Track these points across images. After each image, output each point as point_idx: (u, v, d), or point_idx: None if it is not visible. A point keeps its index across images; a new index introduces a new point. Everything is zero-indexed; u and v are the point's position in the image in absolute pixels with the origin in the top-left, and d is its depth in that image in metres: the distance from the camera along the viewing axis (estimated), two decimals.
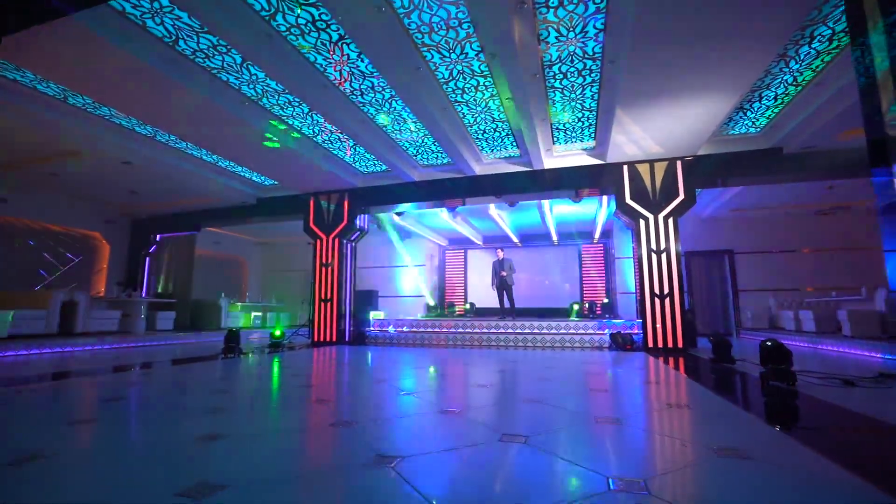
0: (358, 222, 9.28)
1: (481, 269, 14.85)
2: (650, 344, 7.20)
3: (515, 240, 14.09)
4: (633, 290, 11.72)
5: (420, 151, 7.92)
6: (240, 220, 10.63)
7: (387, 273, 14.27)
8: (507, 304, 10.62)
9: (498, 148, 7.80)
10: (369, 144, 7.17)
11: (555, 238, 13.66)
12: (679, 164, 7.48)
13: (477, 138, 7.36)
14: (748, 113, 6.46)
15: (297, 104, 6.06)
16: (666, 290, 7.23)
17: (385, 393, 3.65)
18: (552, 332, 8.60)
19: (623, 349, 7.42)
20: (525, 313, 12.10)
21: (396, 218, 11.22)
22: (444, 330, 9.28)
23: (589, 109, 6.35)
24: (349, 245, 9.43)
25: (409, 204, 9.28)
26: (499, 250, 10.61)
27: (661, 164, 7.57)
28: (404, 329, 9.61)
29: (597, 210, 11.06)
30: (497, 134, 7.19)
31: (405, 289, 14.08)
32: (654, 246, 7.39)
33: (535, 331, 8.71)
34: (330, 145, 7.59)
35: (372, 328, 9.91)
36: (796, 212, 10.63)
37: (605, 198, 9.62)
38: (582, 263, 14.10)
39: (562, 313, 13.38)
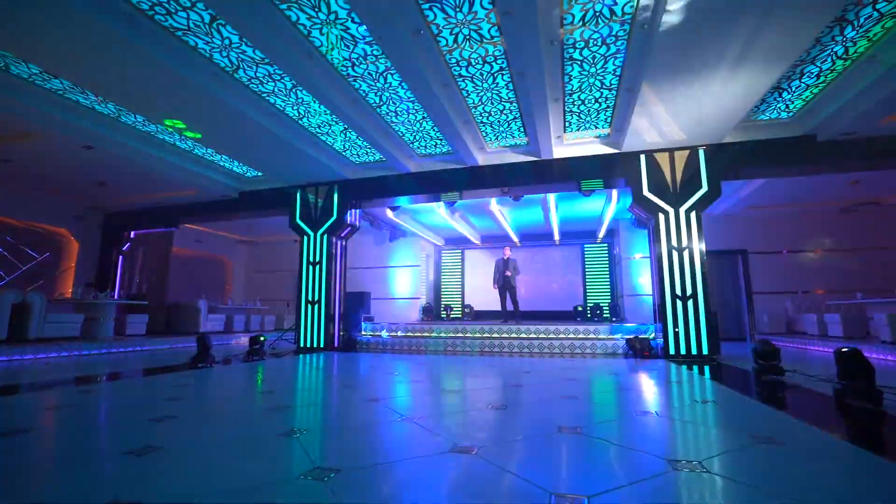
0: (348, 218, 8.52)
1: (479, 270, 14.14)
2: (671, 351, 6.50)
3: (515, 239, 13.39)
4: (643, 293, 11.08)
5: (417, 138, 7.19)
6: (221, 216, 9.81)
7: (380, 274, 13.50)
8: (509, 307, 9.90)
9: (504, 135, 7.09)
10: (361, 129, 6.43)
11: (557, 237, 12.98)
12: (702, 152, 6.81)
13: (481, 122, 6.64)
14: (784, 94, 5.81)
15: (278, 77, 5.30)
16: (689, 292, 6.55)
17: (380, 419, 2.90)
18: (561, 337, 7.90)
19: (641, 356, 6.72)
20: (527, 317, 11.39)
21: (390, 214, 10.47)
22: (443, 335, 8.54)
23: (608, 87, 5.65)
24: (339, 242, 8.66)
25: (405, 197, 8.54)
26: (506, 249, 9.92)
27: (682, 154, 6.90)
28: (398, 334, 8.86)
29: (604, 206, 10.39)
30: (504, 117, 6.48)
31: (400, 290, 13.31)
32: (675, 243, 6.71)
33: (542, 336, 8.00)
34: (318, 130, 6.83)
35: (363, 333, 9.14)
36: (816, 209, 10.04)
37: (614, 192, 8.95)
38: (585, 264, 13.43)
39: (565, 317, 12.71)
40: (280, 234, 13.07)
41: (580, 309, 12.49)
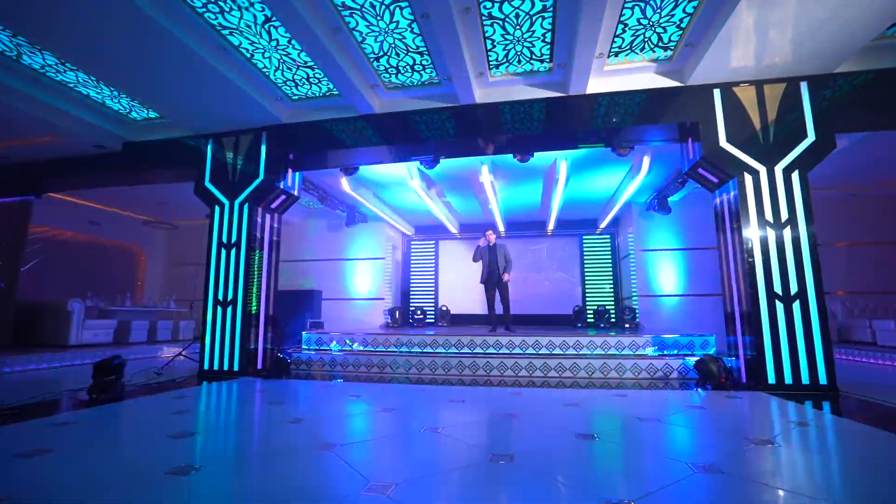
0: (283, 182, 5.90)
1: (456, 265, 11.72)
2: (771, 378, 4.29)
3: (501, 227, 11.06)
4: (663, 293, 8.99)
5: (389, 54, 4.69)
6: (99, 179, 6.90)
7: (334, 268, 10.84)
8: (498, 311, 7.52)
9: (518, 55, 4.70)
10: (301, 32, 3.90)
11: (551, 226, 10.75)
12: (805, 86, 4.67)
13: (487, 25, 4.22)
14: None
15: None
16: (794, 289, 4.37)
17: None
18: (580, 356, 5.61)
19: (718, 386, 4.48)
20: (516, 321, 9.03)
21: (346, 186, 7.87)
22: (413, 351, 6.06)
23: None
24: (268, 217, 6.01)
25: (365, 153, 6.00)
26: (488, 232, 7.53)
27: (775, 88, 4.73)
28: (354, 347, 6.31)
29: (622, 182, 8.20)
30: (524, 18, 4.09)
31: (359, 289, 10.71)
32: (769, 216, 4.52)
33: (550, 354, 5.68)
34: (234, 39, 4.21)
35: (304, 348, 6.51)
36: (878, 192, 8.23)
37: (645, 159, 6.75)
38: (584, 259, 11.27)
39: (561, 322, 10.49)
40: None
41: (579, 312, 10.30)
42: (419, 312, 11.04)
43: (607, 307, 10.11)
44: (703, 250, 9.17)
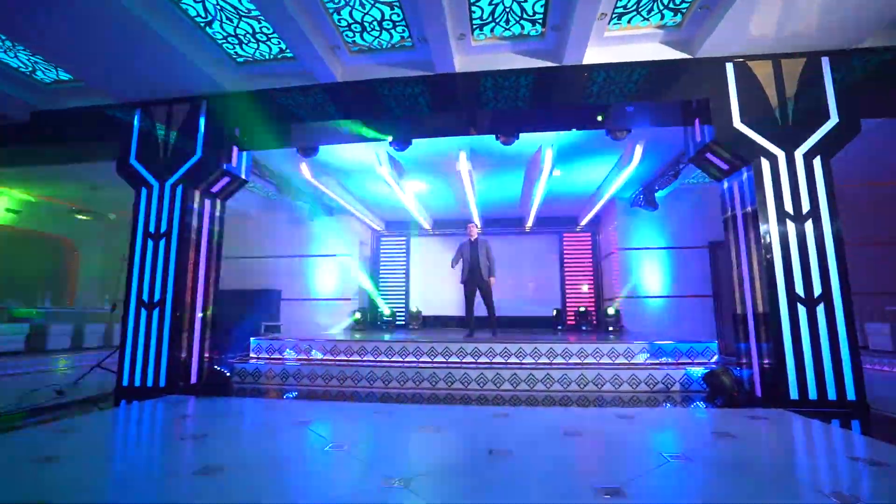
0: (227, 162, 4.98)
1: (429, 263, 10.96)
2: (792, 393, 3.71)
3: (477, 222, 10.32)
4: (648, 294, 8.48)
5: (352, 3, 3.87)
6: (3, 156, 5.79)
7: (295, 266, 9.88)
8: (479, 313, 6.79)
9: (506, 12, 3.98)
10: None
11: (530, 223, 10.13)
12: (826, 62, 4.14)
13: None
14: None
15: None
16: (817, 291, 3.81)
17: None
18: (568, 364, 4.97)
19: (731, 402, 3.88)
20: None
21: (306, 172, 6.99)
22: (381, 360, 5.28)
23: None
24: (210, 202, 5.08)
25: (323, 127, 5.16)
26: (471, 226, 6.80)
27: (793, 64, 4.18)
28: (313, 357, 5.46)
29: (609, 174, 7.63)
30: None
31: (323, 289, 9.79)
32: (789, 208, 3.96)
33: (535, 363, 5.01)
34: None
35: (253, 357, 5.62)
36: (865, 192, 7.95)
37: (638, 148, 6.17)
38: (563, 258, 10.69)
39: (541, 324, 9.88)
40: None
41: (560, 314, 9.71)
42: (388, 315, 10.22)
43: (588, 309, 9.56)
44: (689, 249, 8.74)
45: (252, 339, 5.75)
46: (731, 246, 4.42)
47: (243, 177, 5.26)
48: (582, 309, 9.31)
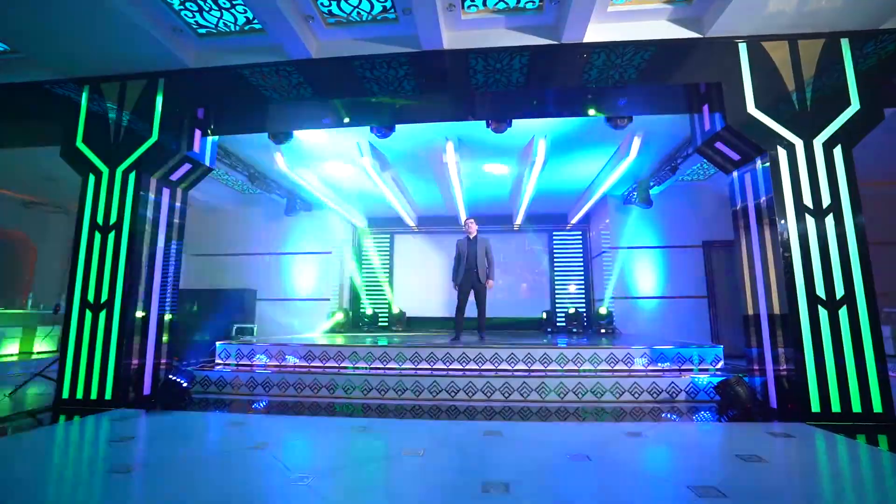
0: (187, 146, 4.46)
1: (414, 262, 10.50)
2: (814, 405, 3.37)
3: (464, 220, 9.89)
4: (640, 295, 8.17)
5: None
6: None
7: (271, 264, 9.34)
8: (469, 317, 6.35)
9: None
10: None
11: (519, 220, 9.75)
12: (846, 44, 3.82)
13: None
14: None
15: None
16: (840, 292, 3.48)
17: None
18: (563, 372, 4.59)
19: (744, 414, 3.53)
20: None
21: (282, 164, 6.47)
22: (360, 368, 4.83)
23: None
24: (169, 192, 4.56)
25: (299, 115, 4.68)
26: (470, 221, 6.37)
27: (811, 45, 3.85)
28: (287, 363, 4.97)
29: (603, 169, 7.28)
30: None
31: (301, 288, 9.26)
32: (808, 201, 3.62)
33: (528, 369, 4.62)
34: None
35: (219, 362, 5.11)
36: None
37: (636, 141, 5.82)
38: (553, 258, 10.34)
39: (531, 326, 9.51)
40: None
41: (550, 316, 9.35)
42: (371, 316, 9.74)
43: (579, 310, 9.22)
44: (683, 248, 8.46)
45: (218, 343, 5.23)
46: (741, 242, 4.08)
47: (207, 164, 4.75)
48: (571, 310, 8.95)
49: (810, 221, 3.58)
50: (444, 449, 2.73)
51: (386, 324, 9.94)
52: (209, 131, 4.72)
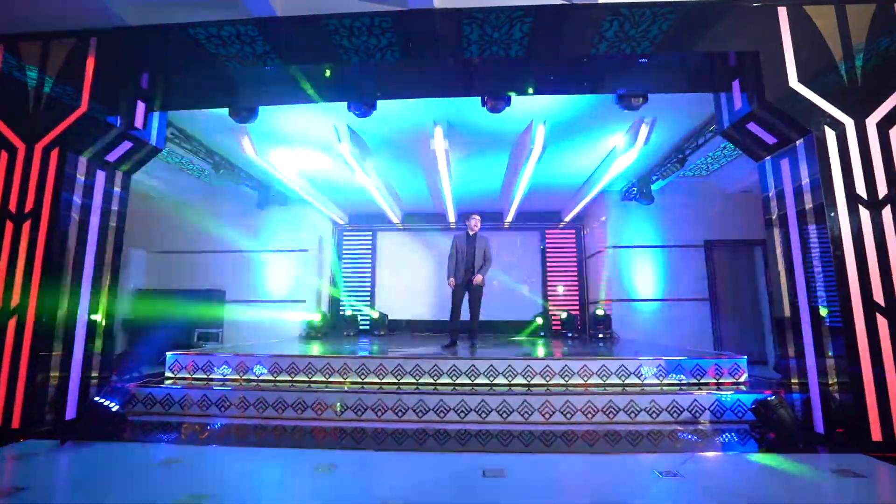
0: (126, 120, 3.73)
1: (397, 262, 9.85)
2: (874, 432, 2.83)
3: (452, 216, 9.31)
4: (639, 297, 7.67)
5: None
6: None
7: (241, 263, 8.57)
8: (459, 320, 5.73)
9: None
10: None
11: (510, 217, 9.17)
12: None
13: None
14: None
15: None
16: None
17: None
18: (570, 387, 4.02)
19: (787, 442, 2.97)
20: (468, 330, 7.25)
21: (249, 148, 5.76)
22: (332, 382, 4.18)
23: None
24: (104, 174, 3.82)
25: (263, 86, 3.99)
26: (473, 217, 5.78)
27: (860, 10, 3.33)
28: (251, 378, 4.29)
29: (604, 160, 6.72)
30: None
31: (274, 289, 8.52)
32: (861, 190, 3.09)
33: (534, 382, 4.03)
34: None
35: (169, 377, 4.39)
36: None
37: (643, 128, 5.28)
38: (545, 258, 9.77)
39: (523, 328, 8.93)
40: None
41: (539, 320, 8.77)
42: (351, 317, 9.04)
43: (572, 313, 8.68)
44: (684, 248, 7.98)
45: (168, 353, 4.49)
46: (775, 236, 3.54)
47: (153, 143, 4.02)
48: (564, 315, 8.39)
49: (864, 214, 3.05)
50: (432, 497, 2.10)
51: (367, 327, 9.24)
52: (156, 105, 3.99)
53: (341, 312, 9.41)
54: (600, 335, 7.62)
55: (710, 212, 7.99)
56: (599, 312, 7.95)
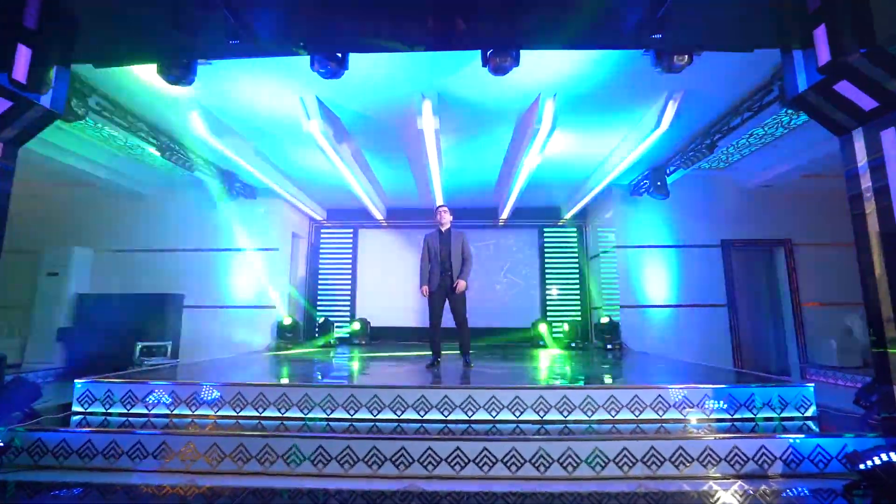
0: (3, 71, 2.74)
1: (382, 262, 8.89)
2: None
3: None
4: (651, 303, 6.87)
5: None
6: None
7: (204, 263, 7.55)
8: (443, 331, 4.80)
9: None
10: None
11: (505, 213, 8.27)
12: None
13: None
14: None
15: None
16: None
17: None
18: (595, 426, 3.13)
19: None
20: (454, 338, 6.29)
21: (199, 126, 4.76)
22: (292, 427, 3.22)
23: None
24: None
25: (202, 32, 3.02)
26: (442, 210, 4.84)
27: None
28: (188, 412, 3.32)
29: (617, 145, 5.87)
30: None
31: (240, 293, 7.51)
32: None
33: (549, 417, 3.13)
34: None
35: (80, 413, 3.39)
36: None
37: (669, 107, 4.43)
38: (544, 258, 8.90)
39: (518, 336, 8.05)
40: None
41: (539, 330, 7.87)
42: (327, 325, 8.04)
43: (577, 321, 7.84)
44: (698, 248, 7.19)
45: (77, 382, 3.49)
46: (875, 227, 2.69)
47: (47, 105, 3.02)
48: (567, 325, 7.52)
49: None
50: None
51: (346, 336, 8.26)
52: (52, 55, 3.00)
53: (316, 318, 8.40)
54: (608, 346, 6.76)
55: (728, 208, 7.22)
56: (604, 320, 7.11)
